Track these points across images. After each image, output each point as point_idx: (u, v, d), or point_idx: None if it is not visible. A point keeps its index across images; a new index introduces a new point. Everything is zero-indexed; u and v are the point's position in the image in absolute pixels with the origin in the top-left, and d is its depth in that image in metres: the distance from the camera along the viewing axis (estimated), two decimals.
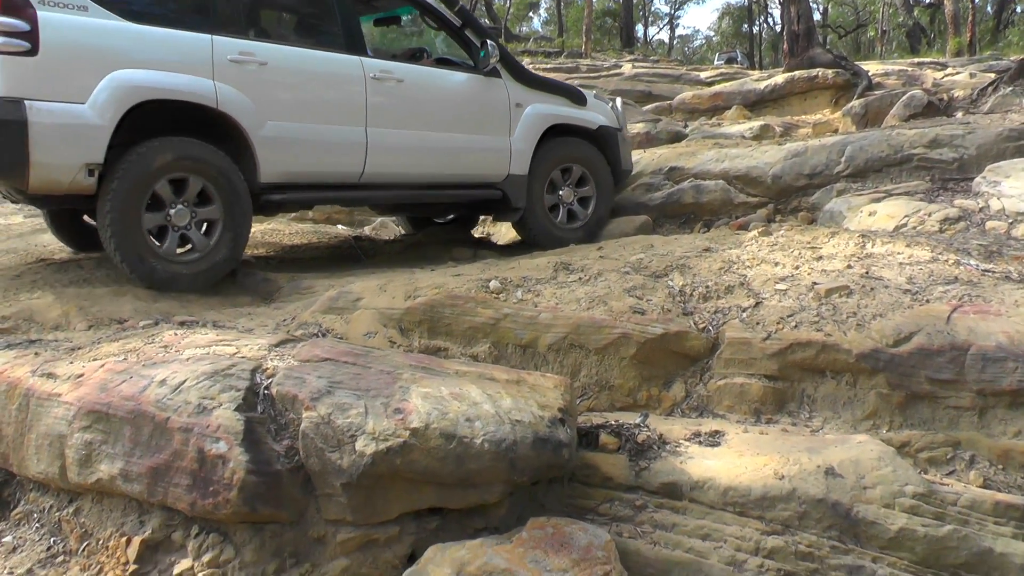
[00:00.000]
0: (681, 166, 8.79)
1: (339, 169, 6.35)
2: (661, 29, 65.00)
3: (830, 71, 15.03)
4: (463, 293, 4.78)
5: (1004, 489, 3.74)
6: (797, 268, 5.13)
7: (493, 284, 4.93)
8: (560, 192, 7.52)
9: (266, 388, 3.43)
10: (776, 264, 5.23)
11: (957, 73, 15.55)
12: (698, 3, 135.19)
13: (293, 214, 9.21)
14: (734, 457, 3.59)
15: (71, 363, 3.74)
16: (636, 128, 12.00)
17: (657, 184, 8.76)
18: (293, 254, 7.53)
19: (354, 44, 6.46)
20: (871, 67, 16.43)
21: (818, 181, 8.10)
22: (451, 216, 8.43)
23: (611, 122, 7.88)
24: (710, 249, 5.61)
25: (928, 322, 4.30)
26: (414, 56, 7.50)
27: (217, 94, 5.66)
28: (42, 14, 5.14)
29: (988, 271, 5.11)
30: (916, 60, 19.02)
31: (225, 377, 3.45)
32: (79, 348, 4.02)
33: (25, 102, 5.09)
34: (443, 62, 7.37)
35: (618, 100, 8.49)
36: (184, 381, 3.41)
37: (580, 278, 5.07)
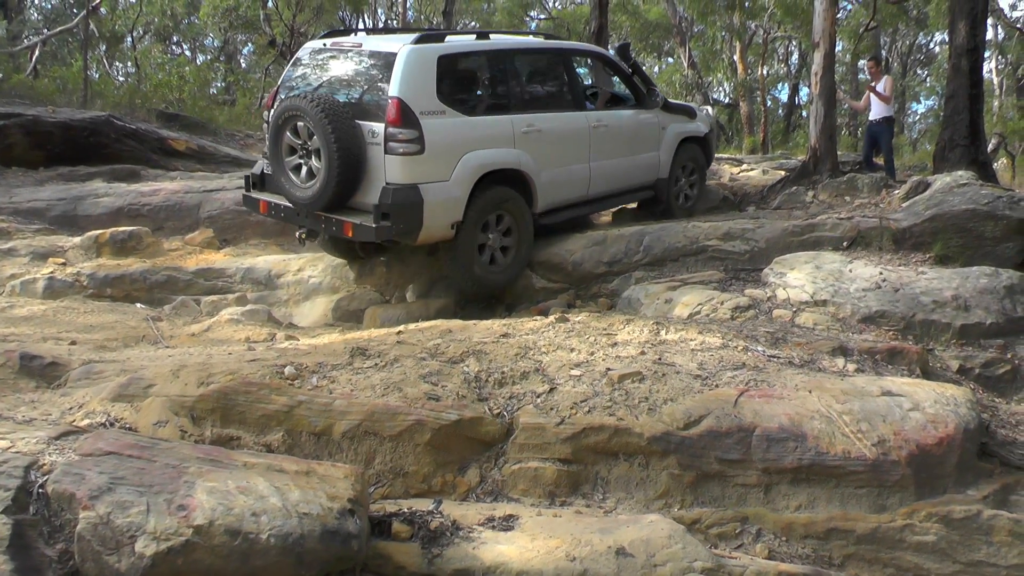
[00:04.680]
0: None
1: (575, 194, 9.30)
2: None
3: None
4: (257, 380, 4.77)
5: (787, 559, 4.11)
6: (592, 354, 5.43)
7: (288, 370, 4.94)
8: (682, 181, 10.91)
9: (41, 486, 3.32)
10: (572, 350, 5.52)
11: (752, 169, 16.73)
12: None
13: (91, 291, 9.04)
14: (527, 541, 3.74)
15: None
16: None
17: None
18: (88, 334, 7.22)
19: (580, 103, 9.53)
20: None
21: (617, 269, 8.59)
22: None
23: (708, 127, 11.42)
24: (508, 335, 5.85)
25: (717, 406, 4.68)
26: (593, 96, 10.31)
27: (519, 159, 8.34)
28: (423, 121, 7.50)
29: (773, 357, 5.58)
30: (715, 155, 20.23)
31: None
32: None
33: (419, 186, 7.52)
34: (614, 98, 10.50)
35: (709, 108, 13.23)
36: None
37: (376, 364, 5.16)
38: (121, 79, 28.89)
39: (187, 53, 40.02)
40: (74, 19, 27.36)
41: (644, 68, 11.72)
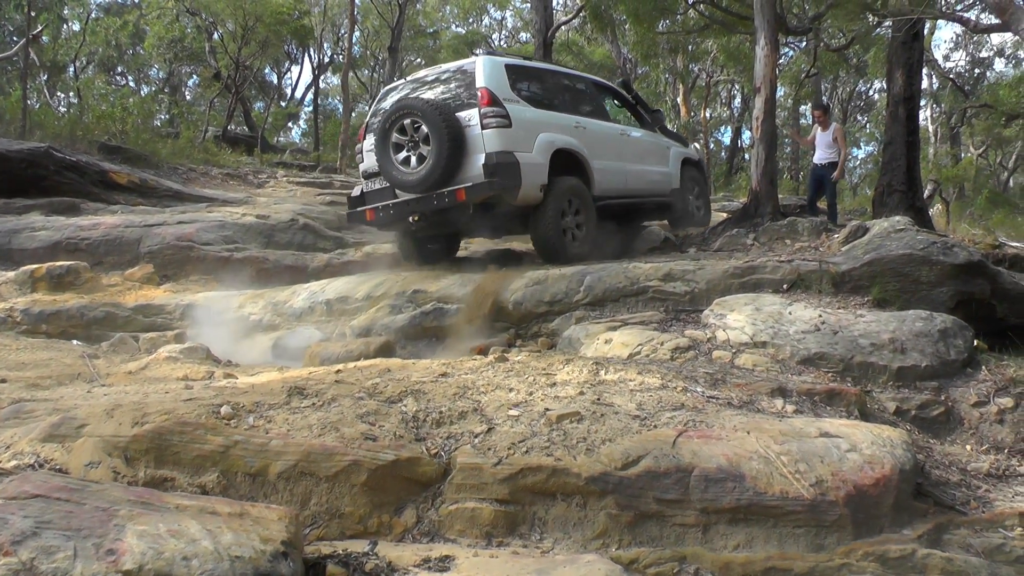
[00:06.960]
0: (424, 289, 9.14)
1: (617, 186, 11.30)
2: None
3: None
4: (193, 419, 4.68)
5: None
6: (531, 394, 5.43)
7: (225, 410, 4.85)
8: (690, 197, 13.30)
9: None
10: (511, 390, 5.51)
11: None
12: None
13: (25, 327, 8.83)
14: None
15: None
16: (384, 248, 12.27)
17: (400, 306, 9.03)
18: (20, 371, 7.05)
19: (608, 116, 12.16)
20: None
21: (558, 308, 8.62)
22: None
23: (699, 155, 14.32)
24: (447, 374, 5.83)
25: (656, 446, 4.68)
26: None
27: (578, 144, 10.45)
28: (506, 105, 9.71)
29: (713, 397, 5.61)
30: None
31: None
32: None
33: (514, 152, 9.56)
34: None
35: (696, 144, 17.48)
36: None
37: (314, 403, 5.11)
38: (63, 110, 28.57)
39: (131, 84, 39.79)
40: (14, 47, 26.98)
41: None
